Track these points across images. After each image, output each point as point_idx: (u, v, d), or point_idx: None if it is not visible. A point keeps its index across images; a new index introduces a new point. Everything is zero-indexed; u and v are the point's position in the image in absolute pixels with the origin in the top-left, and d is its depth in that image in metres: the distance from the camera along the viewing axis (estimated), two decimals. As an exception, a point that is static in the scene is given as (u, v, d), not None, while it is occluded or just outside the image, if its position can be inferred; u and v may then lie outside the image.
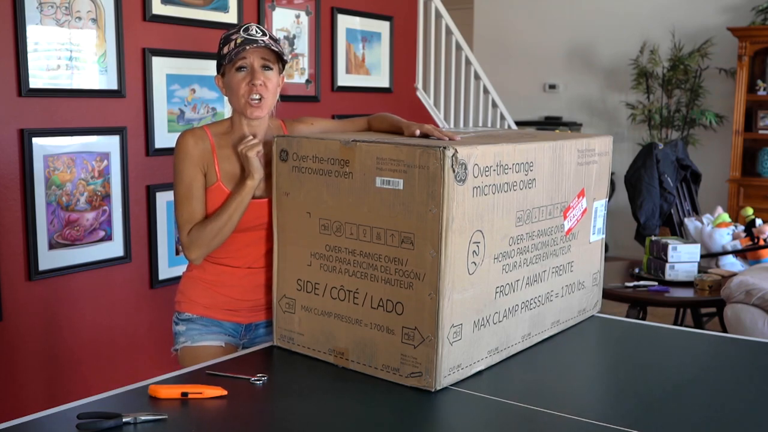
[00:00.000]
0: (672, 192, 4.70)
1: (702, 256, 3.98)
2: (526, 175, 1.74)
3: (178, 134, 2.00)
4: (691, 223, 4.54)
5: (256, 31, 1.93)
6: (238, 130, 1.98)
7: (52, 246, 2.89)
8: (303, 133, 2.04)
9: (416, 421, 1.51)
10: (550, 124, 7.10)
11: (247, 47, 1.88)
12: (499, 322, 1.75)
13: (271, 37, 1.95)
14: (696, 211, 4.96)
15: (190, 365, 1.86)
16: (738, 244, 4.25)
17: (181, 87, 3.31)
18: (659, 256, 3.88)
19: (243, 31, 1.92)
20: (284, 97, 3.87)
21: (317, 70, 4.06)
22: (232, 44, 1.90)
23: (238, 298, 2.03)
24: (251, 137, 1.93)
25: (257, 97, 1.90)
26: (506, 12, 7.53)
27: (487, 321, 1.70)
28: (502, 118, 5.86)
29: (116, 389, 1.62)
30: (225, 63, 1.93)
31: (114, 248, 3.10)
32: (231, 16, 3.53)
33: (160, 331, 3.19)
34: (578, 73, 7.24)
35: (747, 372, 1.81)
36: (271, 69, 1.94)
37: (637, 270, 4.05)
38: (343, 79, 4.26)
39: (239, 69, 1.91)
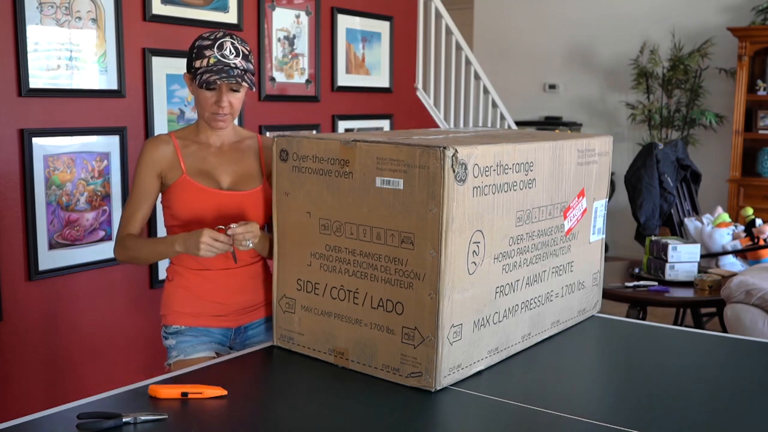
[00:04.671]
0: (672, 192, 4.70)
1: (702, 256, 3.98)
2: (526, 175, 1.74)
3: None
4: (691, 223, 4.54)
5: (230, 51, 1.95)
6: (204, 133, 2.05)
7: (52, 246, 2.89)
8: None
9: (416, 421, 1.51)
10: (550, 124, 7.10)
11: (219, 80, 1.91)
12: (499, 322, 1.75)
13: (243, 57, 1.96)
14: (696, 211, 4.96)
15: None
16: (738, 244, 4.24)
17: (181, 87, 3.31)
18: (659, 256, 3.88)
19: (217, 48, 1.94)
20: (284, 97, 3.89)
21: (317, 70, 4.06)
22: (205, 62, 1.93)
23: (223, 302, 2.04)
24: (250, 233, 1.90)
25: (223, 114, 1.98)
26: (506, 12, 7.53)
27: (487, 321, 1.70)
28: (502, 118, 5.86)
29: (116, 389, 1.62)
30: (193, 75, 1.97)
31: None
32: (231, 16, 3.53)
33: (160, 331, 3.18)
34: (578, 73, 7.24)
35: (747, 372, 1.81)
36: (239, 91, 1.99)
37: (637, 270, 4.05)
38: (343, 79, 4.26)
39: (209, 89, 1.96)
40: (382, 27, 4.51)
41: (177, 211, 2.00)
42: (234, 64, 1.94)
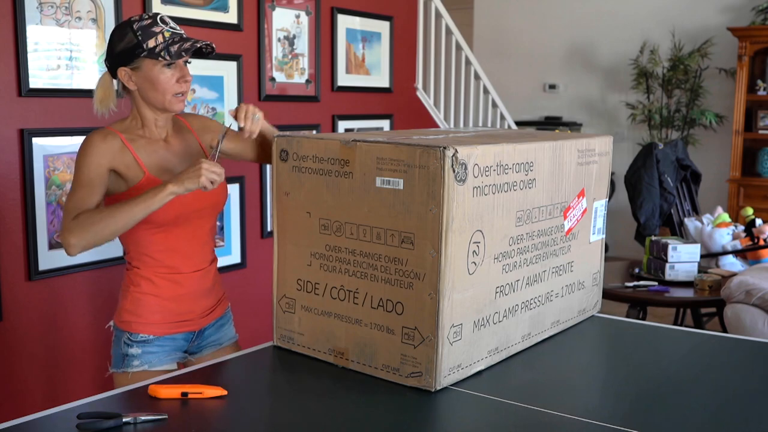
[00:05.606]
0: (672, 192, 4.70)
1: (702, 256, 3.98)
2: (526, 175, 1.74)
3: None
4: (691, 223, 4.54)
5: (177, 26, 1.93)
6: (149, 125, 1.96)
7: (52, 246, 2.89)
8: (208, 126, 2.10)
9: (416, 421, 1.51)
10: (550, 124, 7.11)
11: (183, 50, 1.87)
12: (499, 322, 1.75)
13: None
14: (696, 211, 4.96)
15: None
16: (738, 244, 4.24)
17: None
18: (659, 256, 3.88)
19: (161, 22, 1.89)
20: (285, 97, 3.89)
21: (317, 70, 4.06)
22: (160, 38, 1.86)
23: (190, 308, 2.01)
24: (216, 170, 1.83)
25: (182, 91, 1.92)
26: (506, 12, 7.53)
27: (487, 321, 1.70)
28: (502, 118, 5.86)
29: (116, 389, 1.62)
30: (144, 56, 1.87)
31: (114, 248, 3.09)
32: (231, 16, 3.53)
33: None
34: (578, 73, 7.24)
35: (747, 372, 1.81)
36: (189, 62, 1.95)
37: (637, 270, 4.05)
38: (343, 79, 4.26)
39: (168, 66, 1.89)
40: (382, 27, 4.51)
41: (152, 215, 1.88)
42: (185, 33, 1.92)
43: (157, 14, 1.93)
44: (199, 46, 1.90)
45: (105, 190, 1.89)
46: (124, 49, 1.88)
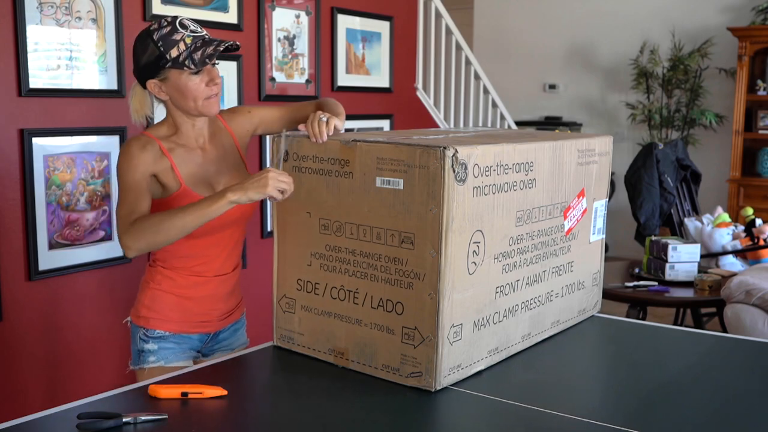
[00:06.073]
0: (672, 192, 4.70)
1: (702, 256, 3.98)
2: (526, 175, 1.74)
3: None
4: (691, 223, 4.54)
5: (194, 25, 1.86)
6: (186, 131, 1.92)
7: (52, 246, 2.89)
8: (242, 125, 2.02)
9: (416, 421, 1.51)
10: (550, 124, 7.10)
11: (207, 56, 1.81)
12: (499, 322, 1.75)
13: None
14: (696, 211, 4.96)
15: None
16: (738, 244, 4.24)
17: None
18: (659, 256, 3.88)
19: (181, 27, 1.83)
20: (284, 97, 3.89)
21: (317, 70, 4.06)
22: (182, 45, 1.81)
23: (208, 310, 2.00)
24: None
25: (213, 94, 1.87)
26: (506, 12, 7.53)
27: (487, 321, 1.70)
28: (502, 118, 5.86)
29: (116, 389, 1.62)
30: (169, 67, 1.83)
31: (114, 248, 3.09)
32: (231, 16, 3.53)
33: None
34: (578, 73, 7.24)
35: (747, 372, 1.81)
36: (217, 63, 1.90)
37: (637, 270, 4.05)
38: (343, 79, 4.26)
39: (195, 72, 1.84)
40: (382, 27, 4.51)
41: None
42: (207, 35, 1.86)
43: (176, 18, 1.86)
44: (222, 49, 1.85)
45: (151, 192, 1.86)
46: (148, 61, 1.84)
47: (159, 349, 1.96)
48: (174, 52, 1.81)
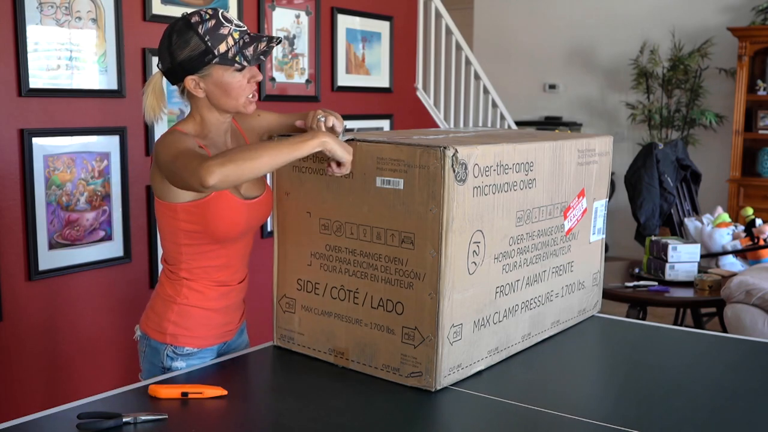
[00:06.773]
0: (672, 192, 4.70)
1: (702, 256, 3.98)
2: (526, 175, 1.74)
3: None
4: (691, 223, 4.54)
5: (237, 20, 1.77)
6: (214, 129, 1.83)
7: (52, 246, 2.89)
8: (252, 127, 1.96)
9: (416, 421, 1.51)
10: (550, 124, 7.10)
11: (261, 53, 1.73)
12: (499, 322, 1.75)
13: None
14: (696, 211, 4.96)
15: None
16: (738, 244, 4.24)
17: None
18: (659, 256, 3.88)
19: (226, 21, 1.74)
20: (284, 97, 3.89)
21: (317, 70, 4.06)
22: (230, 40, 1.72)
23: (231, 319, 1.95)
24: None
25: (254, 91, 1.81)
26: (506, 12, 7.53)
27: (487, 321, 1.70)
28: (502, 118, 5.86)
29: (116, 389, 1.62)
30: (216, 63, 1.72)
31: (114, 248, 3.10)
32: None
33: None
34: (578, 73, 7.24)
35: (747, 372, 1.81)
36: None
37: (637, 270, 4.05)
38: (343, 79, 4.26)
39: (239, 69, 1.75)
40: (382, 27, 4.51)
41: (213, 228, 1.76)
42: (247, 28, 1.77)
43: (218, 11, 1.73)
44: (274, 45, 1.76)
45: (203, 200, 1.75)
46: (191, 56, 1.72)
47: (187, 366, 1.86)
48: (222, 47, 1.71)
